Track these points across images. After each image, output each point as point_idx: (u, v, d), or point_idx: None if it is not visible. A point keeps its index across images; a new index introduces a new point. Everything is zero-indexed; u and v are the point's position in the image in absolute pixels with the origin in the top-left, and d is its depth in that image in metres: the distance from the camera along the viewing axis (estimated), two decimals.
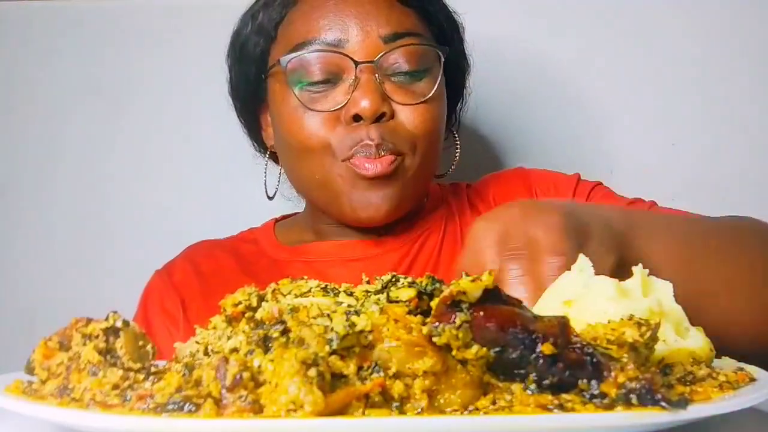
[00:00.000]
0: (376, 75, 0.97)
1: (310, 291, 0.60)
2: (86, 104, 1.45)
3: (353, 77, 0.97)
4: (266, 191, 1.11)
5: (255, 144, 1.16)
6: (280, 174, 1.10)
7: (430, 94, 1.00)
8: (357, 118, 0.96)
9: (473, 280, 0.50)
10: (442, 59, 1.02)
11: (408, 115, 0.98)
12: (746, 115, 1.39)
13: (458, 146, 1.13)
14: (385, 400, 0.47)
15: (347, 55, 0.97)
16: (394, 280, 0.58)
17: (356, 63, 0.96)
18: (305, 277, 0.64)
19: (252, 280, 0.69)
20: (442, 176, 1.14)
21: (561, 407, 0.46)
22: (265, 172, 1.13)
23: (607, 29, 1.41)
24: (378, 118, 0.96)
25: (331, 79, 0.98)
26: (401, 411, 0.47)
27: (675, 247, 0.78)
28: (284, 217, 1.19)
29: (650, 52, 1.40)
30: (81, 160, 1.45)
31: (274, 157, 1.11)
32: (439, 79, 1.01)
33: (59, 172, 1.44)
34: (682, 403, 0.45)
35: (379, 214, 0.99)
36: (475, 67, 1.16)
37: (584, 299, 0.61)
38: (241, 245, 1.13)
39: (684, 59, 1.40)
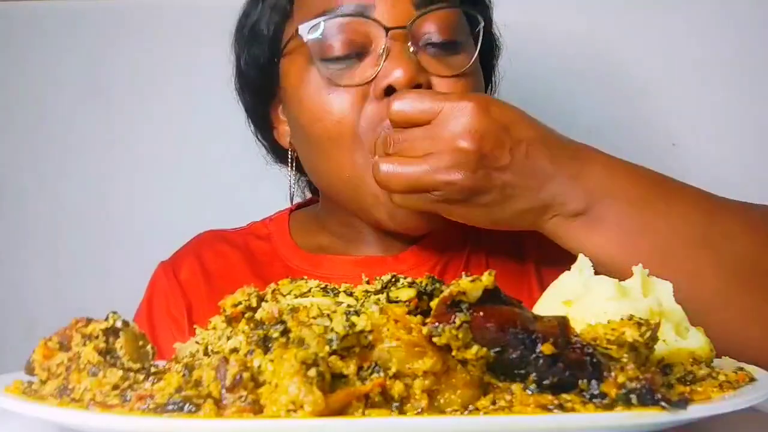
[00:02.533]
0: (409, 43, 0.85)
1: (309, 291, 0.60)
2: (87, 104, 1.45)
3: (383, 46, 0.85)
4: (290, 195, 1.03)
5: (266, 145, 1.05)
6: (292, 179, 1.01)
7: (467, 67, 0.89)
8: (389, 90, 0.84)
9: (473, 281, 0.50)
10: (479, 30, 0.91)
11: (447, 89, 0.87)
12: (746, 115, 1.39)
13: None
14: (385, 400, 0.47)
15: (377, 20, 0.85)
16: (393, 280, 0.58)
17: (387, 29, 0.84)
18: (305, 277, 0.63)
19: (262, 283, 0.66)
20: None
21: (561, 407, 0.46)
22: (290, 175, 1.02)
23: (609, 31, 1.41)
24: None
25: (357, 52, 0.87)
26: (401, 411, 0.47)
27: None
28: (299, 206, 1.08)
29: (650, 53, 1.40)
30: (82, 161, 1.44)
31: (286, 160, 1.01)
32: (477, 53, 0.90)
33: (60, 172, 1.44)
34: (682, 403, 0.45)
35: (419, 227, 0.90)
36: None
37: (584, 299, 0.61)
38: (252, 241, 1.04)
39: (684, 60, 1.40)
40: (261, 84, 0.98)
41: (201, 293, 0.99)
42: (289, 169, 1.00)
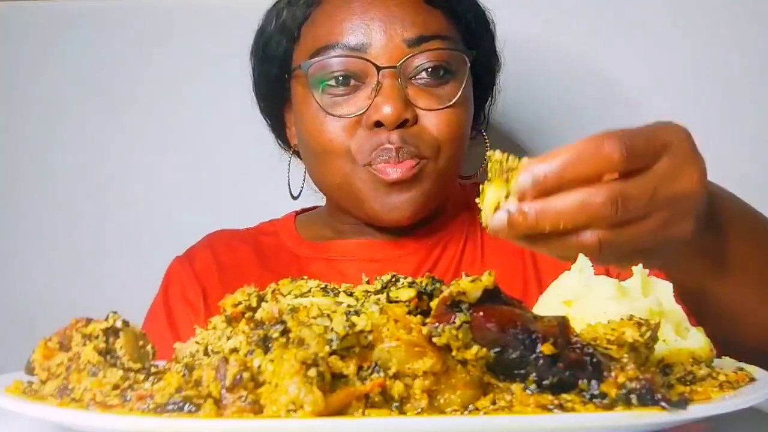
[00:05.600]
0: (399, 80, 0.95)
1: (309, 291, 0.60)
2: (86, 104, 1.44)
3: (375, 82, 0.95)
4: (290, 191, 1.09)
5: (279, 142, 1.14)
6: (305, 172, 1.09)
7: (455, 99, 0.97)
8: (378, 124, 0.95)
9: (473, 281, 0.50)
10: (469, 63, 1.00)
11: (432, 121, 0.97)
12: (746, 115, 1.39)
13: (488, 146, 1.09)
14: (385, 400, 0.47)
15: (369, 60, 0.95)
16: (394, 280, 0.58)
17: (378, 68, 0.95)
18: (305, 277, 0.64)
19: (271, 274, 0.69)
20: (469, 177, 1.12)
21: (561, 407, 0.46)
22: (288, 172, 1.10)
23: (610, 32, 1.41)
24: (400, 125, 0.94)
25: (354, 84, 0.97)
26: (401, 411, 0.47)
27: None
28: (304, 210, 1.17)
29: (651, 54, 1.40)
30: (81, 160, 1.44)
31: (297, 154, 1.10)
32: (465, 82, 0.99)
33: (59, 172, 1.44)
34: (682, 403, 0.45)
35: (403, 216, 0.97)
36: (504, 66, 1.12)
37: (584, 299, 0.61)
38: (261, 237, 1.12)
39: (684, 60, 1.40)
40: (273, 94, 1.08)
41: (214, 280, 1.06)
42: (288, 163, 1.10)
